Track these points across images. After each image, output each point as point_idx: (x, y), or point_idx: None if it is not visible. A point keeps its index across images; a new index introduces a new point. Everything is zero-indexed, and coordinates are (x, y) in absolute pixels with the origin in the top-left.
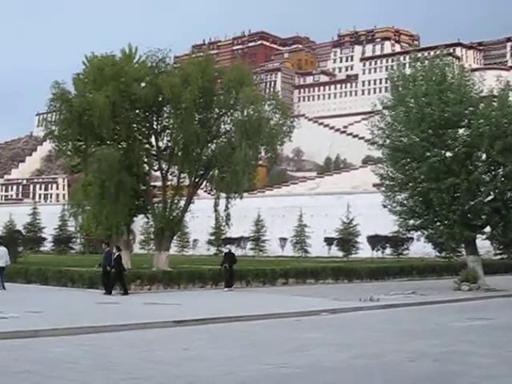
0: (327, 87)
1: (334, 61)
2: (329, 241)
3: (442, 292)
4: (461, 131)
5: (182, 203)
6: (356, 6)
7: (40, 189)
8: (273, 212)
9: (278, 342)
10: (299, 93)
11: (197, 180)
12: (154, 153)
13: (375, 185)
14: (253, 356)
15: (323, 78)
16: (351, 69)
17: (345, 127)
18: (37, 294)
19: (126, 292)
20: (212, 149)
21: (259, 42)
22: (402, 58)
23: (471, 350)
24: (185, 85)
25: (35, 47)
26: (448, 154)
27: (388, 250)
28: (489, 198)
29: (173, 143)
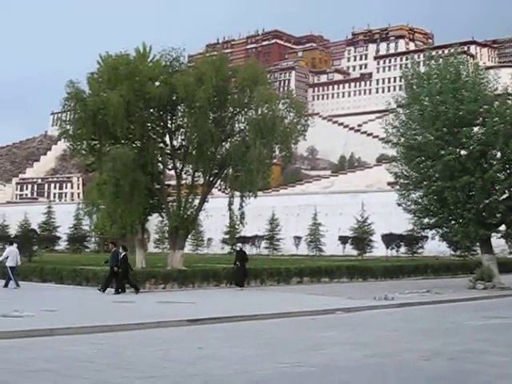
0: (341, 86)
1: (348, 59)
2: (343, 239)
3: (457, 291)
4: (475, 129)
5: (197, 202)
6: (370, 5)
7: (55, 188)
8: (287, 211)
9: (293, 341)
10: (313, 91)
11: (211, 179)
12: (169, 152)
13: (390, 183)
14: (267, 355)
15: (337, 77)
16: (365, 67)
17: (359, 126)
18: (52, 293)
19: (119, 292)
20: (226, 147)
21: (273, 41)
22: (417, 57)
23: (486, 349)
24: (199, 84)
25: (50, 47)
26: (463, 153)
27: (402, 249)
28: (504, 197)
29: (187, 142)
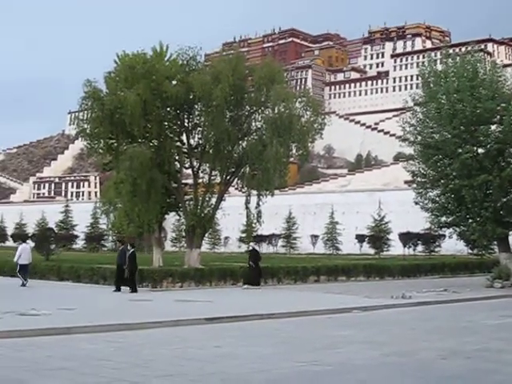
0: (358, 84)
1: (365, 57)
2: (360, 238)
3: (475, 289)
4: (493, 127)
5: (214, 201)
6: (386, 3)
7: (72, 187)
8: (304, 209)
9: (310, 340)
10: (330, 90)
11: (228, 177)
12: (185, 150)
13: (407, 182)
14: (284, 353)
15: (354, 75)
16: (382, 65)
17: (376, 124)
18: (69, 292)
19: (135, 290)
20: (243, 146)
21: (289, 40)
22: (433, 55)
23: (503, 348)
24: (216, 82)
25: (68, 46)
26: (480, 151)
27: (420, 247)
28: None
29: (204, 141)
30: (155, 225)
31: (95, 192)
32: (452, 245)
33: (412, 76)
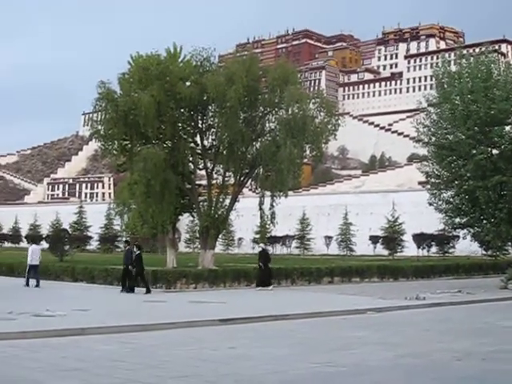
0: (372, 85)
1: (379, 58)
2: (374, 239)
3: (489, 290)
4: (507, 128)
5: (227, 202)
6: (400, 4)
7: (86, 188)
8: (318, 210)
9: (324, 341)
10: (344, 91)
11: (242, 178)
12: (199, 151)
13: (420, 183)
14: (298, 355)
15: (368, 76)
16: (396, 66)
17: (390, 125)
18: (83, 293)
19: (149, 290)
20: (257, 147)
21: (303, 41)
22: (447, 55)
23: None
24: (229, 84)
25: (81, 47)
26: (494, 152)
27: (434, 249)
28: None
29: (218, 142)
30: (169, 226)
31: (109, 193)
32: (466, 246)
33: (426, 77)
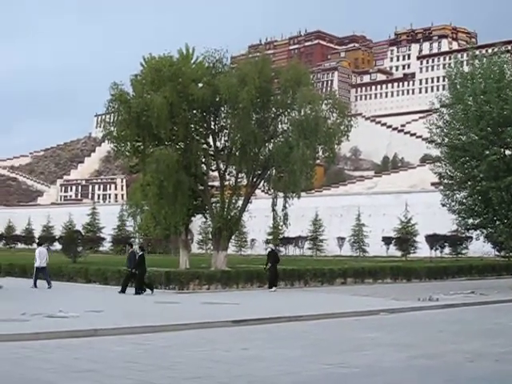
0: (384, 86)
1: (391, 59)
2: (387, 240)
3: (502, 291)
4: None
5: (240, 203)
6: (412, 4)
7: (99, 189)
8: (330, 211)
9: (337, 342)
10: (356, 92)
11: (254, 180)
12: (212, 153)
13: (433, 183)
14: (311, 356)
15: (380, 77)
16: (408, 67)
17: (402, 126)
18: (96, 294)
19: (138, 292)
20: (269, 148)
21: (315, 42)
22: (460, 56)
23: None
24: (242, 85)
25: (94, 49)
26: (507, 152)
27: (447, 250)
28: None
29: (230, 143)
30: (182, 227)
31: (122, 194)
32: (479, 247)
33: (438, 78)
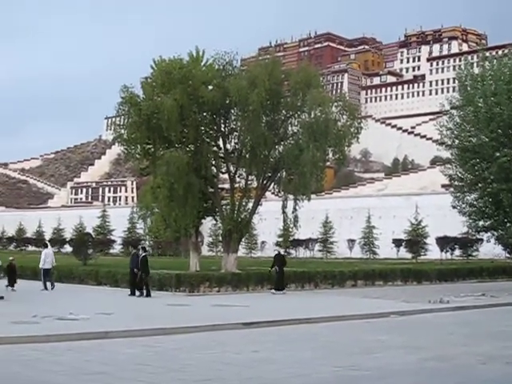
0: (394, 88)
1: (401, 61)
2: (397, 242)
3: None
4: None
5: (250, 205)
6: (422, 6)
7: (109, 192)
8: (341, 213)
9: (347, 344)
10: (366, 94)
11: (264, 182)
12: (222, 155)
13: (444, 185)
14: (322, 358)
15: (390, 79)
16: (418, 69)
17: (412, 128)
18: (107, 296)
19: (149, 294)
20: (279, 151)
21: (325, 44)
22: (470, 58)
23: None
24: (252, 87)
25: (104, 52)
26: None
27: (457, 252)
28: None
29: (240, 145)
30: (192, 229)
31: (132, 197)
32: (490, 249)
33: (448, 79)
